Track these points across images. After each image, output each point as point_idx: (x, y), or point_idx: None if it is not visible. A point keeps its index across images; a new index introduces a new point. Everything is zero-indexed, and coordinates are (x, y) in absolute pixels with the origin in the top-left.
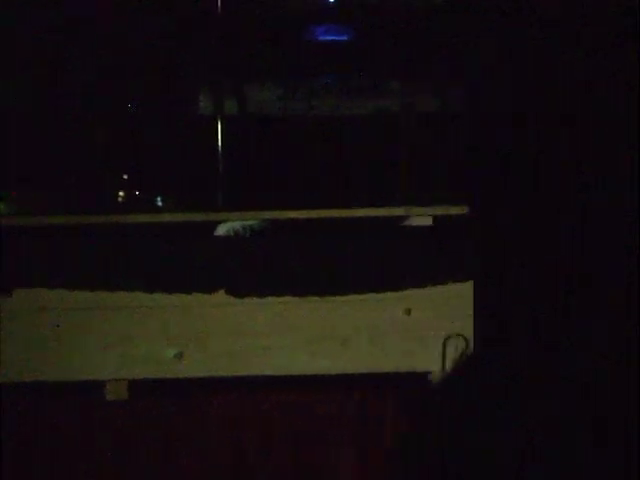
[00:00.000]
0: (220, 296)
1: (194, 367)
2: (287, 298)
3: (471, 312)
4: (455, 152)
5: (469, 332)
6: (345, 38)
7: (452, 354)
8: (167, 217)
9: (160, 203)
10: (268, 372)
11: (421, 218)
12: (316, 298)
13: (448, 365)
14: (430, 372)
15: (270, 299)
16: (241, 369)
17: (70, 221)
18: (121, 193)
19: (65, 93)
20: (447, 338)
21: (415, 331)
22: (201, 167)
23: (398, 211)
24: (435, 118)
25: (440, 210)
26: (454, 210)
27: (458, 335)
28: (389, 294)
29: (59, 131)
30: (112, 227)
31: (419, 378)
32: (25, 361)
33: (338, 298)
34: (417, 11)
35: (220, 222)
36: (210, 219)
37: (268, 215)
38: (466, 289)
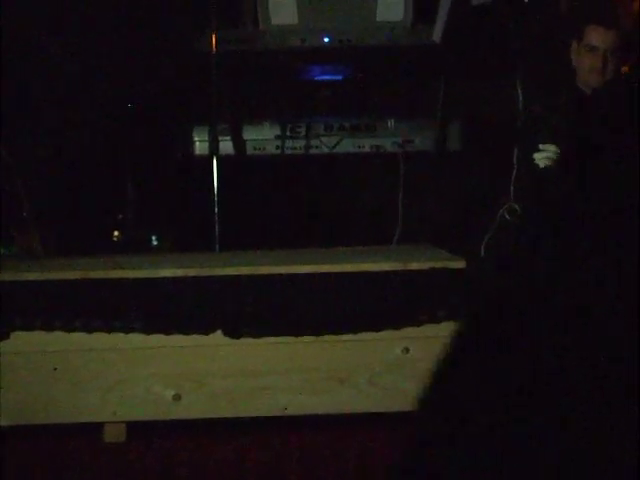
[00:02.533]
0: (217, 337)
1: (192, 408)
2: (284, 338)
3: None
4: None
5: None
6: (341, 77)
7: None
8: (163, 272)
9: (155, 242)
10: (266, 413)
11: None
12: (313, 338)
13: None
14: None
15: (267, 339)
16: (238, 410)
17: (68, 276)
18: (116, 233)
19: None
20: None
21: (413, 370)
22: (197, 207)
23: (396, 265)
24: (433, 156)
25: (439, 264)
26: (453, 264)
27: None
28: (387, 333)
29: (55, 170)
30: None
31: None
32: (23, 404)
33: (335, 337)
34: (413, 50)
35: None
36: (203, 274)
37: (265, 270)
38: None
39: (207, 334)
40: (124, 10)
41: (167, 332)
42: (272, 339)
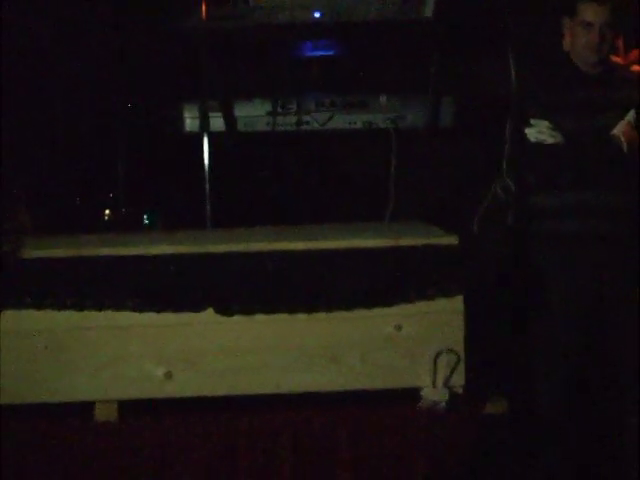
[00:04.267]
0: (208, 315)
1: (184, 387)
2: (275, 316)
3: (462, 327)
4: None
5: (460, 347)
6: (332, 53)
7: (443, 370)
8: (154, 250)
9: (147, 221)
10: (258, 391)
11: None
12: (305, 315)
13: (439, 381)
14: (421, 388)
15: (259, 317)
16: (230, 388)
17: (59, 254)
18: (107, 211)
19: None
20: (438, 353)
21: (406, 347)
22: (188, 184)
23: (388, 242)
24: (425, 132)
25: (432, 240)
26: (445, 240)
27: (449, 350)
28: (379, 310)
29: (45, 148)
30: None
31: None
32: (14, 383)
33: (327, 315)
34: (405, 25)
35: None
36: (194, 251)
37: (257, 247)
38: (456, 304)
39: (198, 312)
40: None
41: (158, 310)
42: (264, 317)
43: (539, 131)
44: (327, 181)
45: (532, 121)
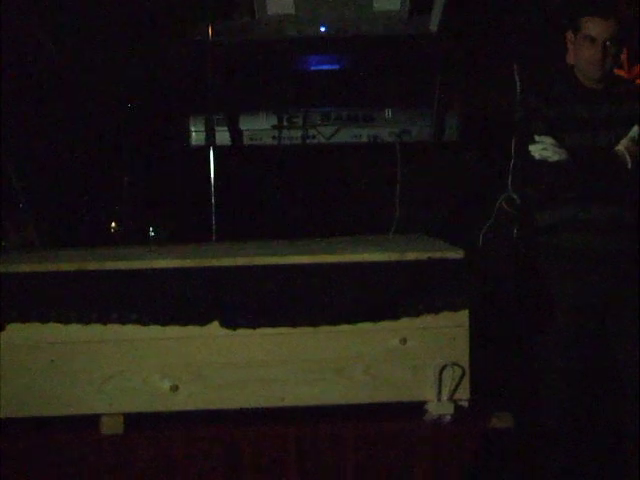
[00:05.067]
0: (214, 328)
1: (189, 400)
2: (281, 329)
3: (467, 341)
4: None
5: (465, 361)
6: (338, 67)
7: (448, 383)
8: (160, 263)
9: (152, 234)
10: (263, 404)
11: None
12: (310, 329)
13: (444, 395)
14: (426, 401)
15: (264, 330)
16: (236, 401)
17: (65, 268)
18: (113, 224)
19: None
20: (443, 367)
21: (411, 360)
22: (193, 197)
23: (394, 256)
24: (430, 146)
25: (438, 254)
26: (451, 254)
27: (454, 364)
28: (384, 324)
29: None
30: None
31: (415, 408)
32: (20, 396)
33: (332, 328)
34: (410, 40)
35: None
36: (200, 265)
37: (262, 261)
38: (462, 317)
39: (204, 325)
40: (120, 1)
41: (164, 323)
42: (269, 330)
43: (543, 148)
44: (332, 195)
45: (536, 138)
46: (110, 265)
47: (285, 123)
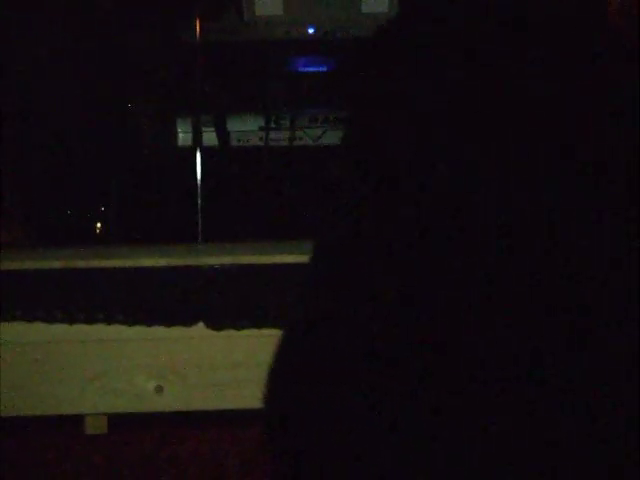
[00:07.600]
0: (199, 329)
1: (174, 400)
2: (267, 330)
3: None
4: None
5: None
6: (326, 69)
7: None
8: (146, 263)
9: (138, 234)
10: (249, 405)
11: None
12: None
13: None
14: None
15: (249, 331)
16: (221, 402)
17: (50, 267)
18: (98, 224)
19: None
20: None
21: None
22: (180, 198)
23: None
24: None
25: None
26: None
27: None
28: None
29: (38, 161)
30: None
31: None
32: (3, 396)
33: None
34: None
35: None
36: (186, 265)
37: (248, 261)
38: None
39: (189, 326)
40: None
41: (149, 323)
42: (255, 331)
43: None
44: (319, 196)
45: None
46: (96, 264)
47: (272, 124)
